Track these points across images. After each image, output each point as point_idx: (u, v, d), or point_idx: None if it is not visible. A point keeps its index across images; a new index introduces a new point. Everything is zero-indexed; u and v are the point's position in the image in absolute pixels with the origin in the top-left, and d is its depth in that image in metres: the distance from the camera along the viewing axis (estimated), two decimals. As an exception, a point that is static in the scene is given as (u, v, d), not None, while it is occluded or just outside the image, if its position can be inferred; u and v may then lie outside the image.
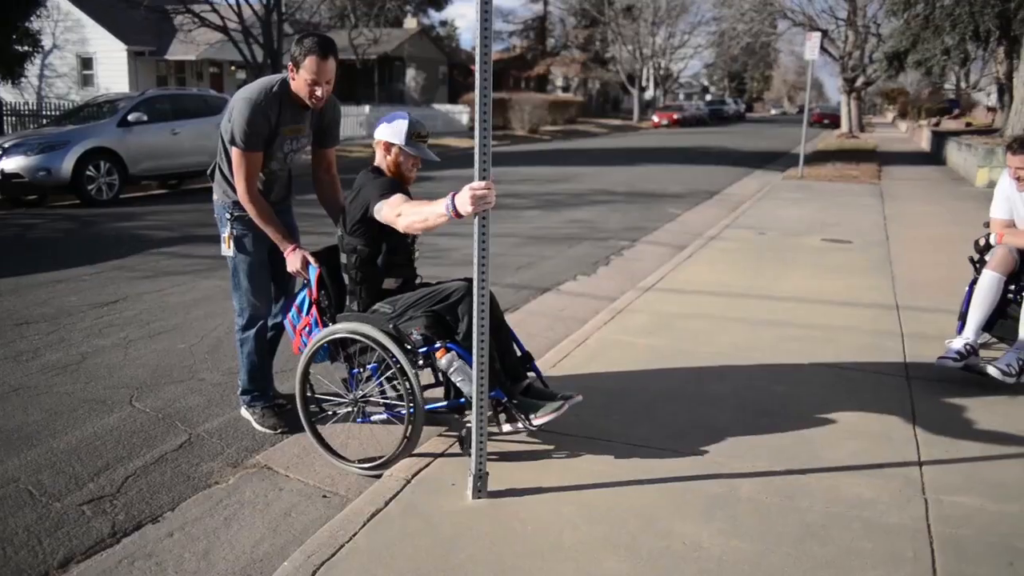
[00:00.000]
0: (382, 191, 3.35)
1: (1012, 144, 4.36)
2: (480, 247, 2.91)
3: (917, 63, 27.78)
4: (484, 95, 2.78)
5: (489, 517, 2.95)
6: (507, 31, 61.04)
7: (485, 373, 2.99)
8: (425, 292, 3.43)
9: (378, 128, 3.54)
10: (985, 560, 2.71)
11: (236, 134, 3.50)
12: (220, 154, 3.73)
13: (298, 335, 3.69)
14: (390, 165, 3.52)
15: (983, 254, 4.63)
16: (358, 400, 3.51)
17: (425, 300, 3.39)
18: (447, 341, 3.33)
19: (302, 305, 3.67)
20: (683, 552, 2.73)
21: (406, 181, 3.53)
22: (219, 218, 3.81)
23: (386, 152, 3.50)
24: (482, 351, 2.96)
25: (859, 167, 18.29)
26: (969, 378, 4.39)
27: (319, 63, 3.43)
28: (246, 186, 3.56)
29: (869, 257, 8.00)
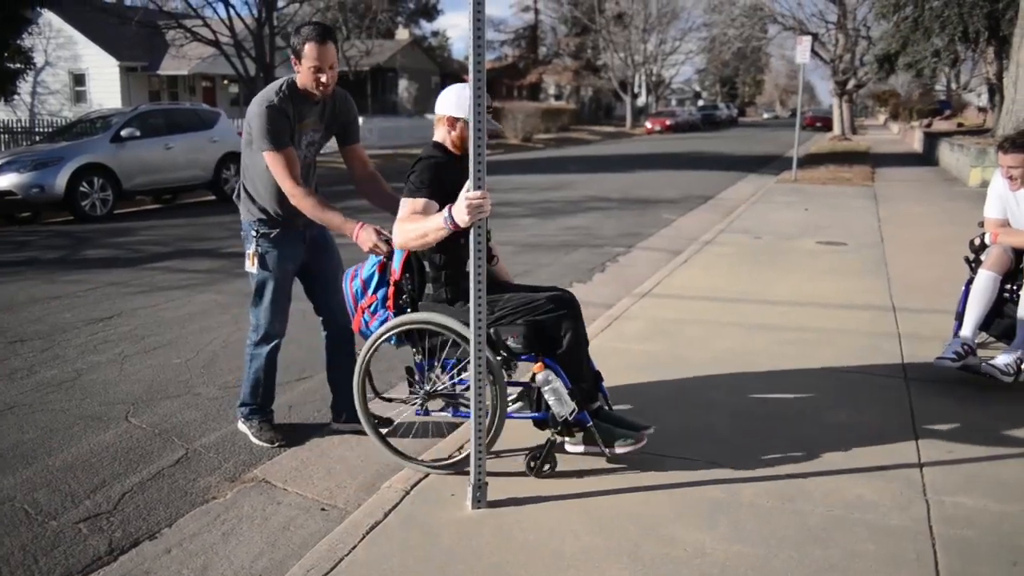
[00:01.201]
0: (413, 188, 3.22)
1: (1003, 144, 4.37)
2: (476, 260, 2.89)
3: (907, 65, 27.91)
4: (478, 105, 2.77)
5: (489, 527, 2.93)
6: (499, 40, 61.21)
7: (483, 382, 2.97)
8: (524, 299, 3.29)
9: (440, 103, 3.36)
10: (988, 560, 2.70)
11: (264, 139, 3.46)
12: (242, 173, 3.73)
13: (360, 312, 3.51)
14: (455, 141, 3.35)
15: (978, 254, 4.63)
16: (430, 394, 3.38)
17: (525, 308, 3.26)
18: (544, 356, 3.24)
19: (369, 280, 3.50)
20: (686, 559, 2.71)
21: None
22: (245, 236, 3.78)
23: (450, 127, 3.33)
24: (480, 359, 2.94)
25: (852, 169, 18.34)
26: (967, 378, 4.38)
27: (319, 48, 3.42)
28: (292, 183, 3.49)
29: (864, 259, 8.00)
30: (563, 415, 3.20)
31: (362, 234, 3.46)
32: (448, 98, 3.34)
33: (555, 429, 3.27)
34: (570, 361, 3.27)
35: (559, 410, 3.19)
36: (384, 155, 24.15)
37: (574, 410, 3.20)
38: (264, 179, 3.61)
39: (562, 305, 3.30)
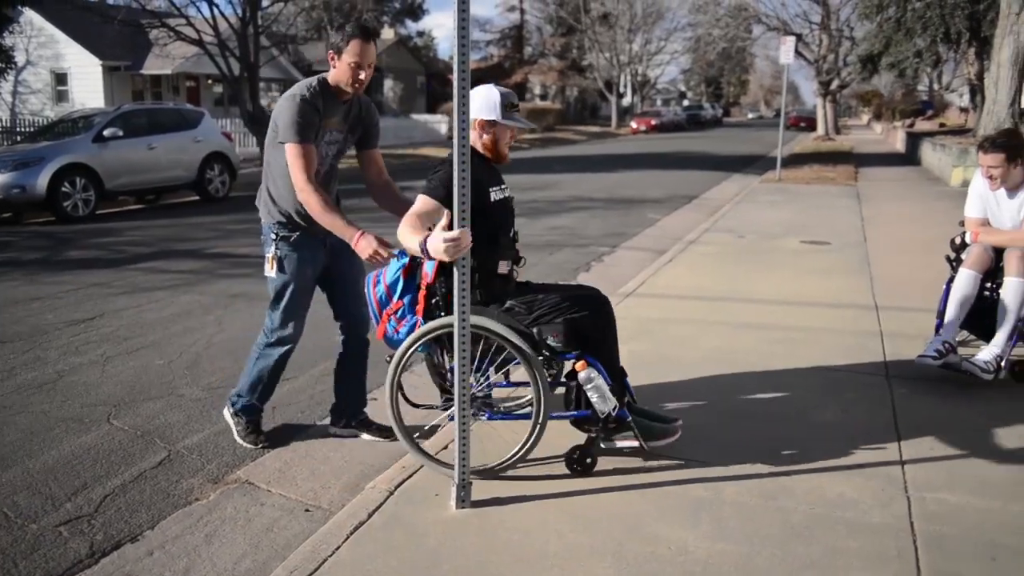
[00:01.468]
0: (429, 187, 3.18)
1: (983, 144, 4.40)
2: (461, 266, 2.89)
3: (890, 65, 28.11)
4: (462, 107, 2.77)
5: (473, 527, 2.93)
6: (484, 40, 61.15)
7: (467, 384, 2.97)
8: (560, 298, 3.31)
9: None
10: (968, 556, 2.72)
11: (290, 129, 3.39)
12: (264, 173, 3.67)
13: (386, 318, 3.40)
14: (487, 144, 3.32)
15: (959, 253, 4.67)
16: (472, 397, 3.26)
17: (563, 308, 3.27)
18: (584, 353, 3.25)
19: (394, 286, 3.40)
20: (669, 557, 2.72)
21: (502, 158, 3.37)
22: (264, 239, 3.73)
23: (482, 131, 3.29)
24: (464, 362, 2.94)
25: (836, 169, 18.46)
26: (948, 376, 4.41)
27: (363, 46, 3.41)
28: (304, 178, 3.40)
29: (847, 258, 8.05)
30: (606, 411, 3.22)
31: (362, 241, 3.38)
32: (476, 102, 3.27)
33: (596, 426, 3.29)
34: (607, 359, 3.31)
35: (602, 407, 3.21)
36: (369, 155, 24.07)
37: (616, 406, 3.23)
38: (287, 178, 3.52)
39: (597, 304, 3.36)
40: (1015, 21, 15.91)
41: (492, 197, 3.31)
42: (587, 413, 3.31)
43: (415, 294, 3.38)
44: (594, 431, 3.31)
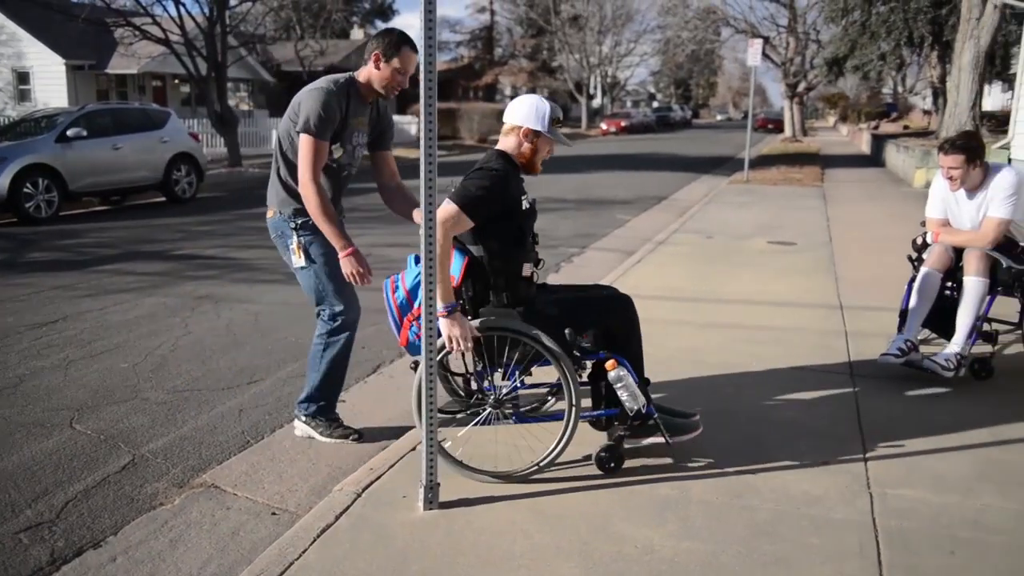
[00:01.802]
0: (457, 194, 3.12)
1: (944, 145, 4.48)
2: (427, 263, 2.89)
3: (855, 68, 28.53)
4: (429, 107, 2.77)
5: (441, 528, 2.92)
6: (454, 41, 61.12)
7: (435, 386, 2.96)
8: (588, 298, 3.36)
9: (514, 111, 3.30)
10: (928, 550, 2.77)
11: (309, 120, 3.37)
12: (276, 168, 3.62)
13: (407, 324, 3.34)
14: (526, 152, 3.30)
15: (921, 253, 4.75)
16: (500, 401, 3.30)
17: (591, 307, 3.33)
18: (613, 353, 3.28)
19: (415, 291, 3.31)
20: (635, 556, 2.74)
21: (534, 170, 3.36)
22: (279, 234, 3.65)
23: (524, 139, 3.28)
24: (431, 363, 2.94)
25: (802, 170, 18.68)
26: (910, 373, 4.49)
27: (411, 56, 3.47)
28: (311, 174, 3.39)
29: (813, 258, 8.15)
30: (636, 408, 3.26)
31: (347, 260, 3.43)
32: (523, 110, 3.28)
33: (624, 424, 3.33)
34: (632, 357, 3.37)
35: (633, 404, 3.25)
36: (339, 156, 23.96)
37: (646, 403, 3.27)
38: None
39: (621, 303, 3.41)
40: (975, 26, 16.22)
41: (524, 204, 3.30)
42: (615, 412, 3.35)
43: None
44: (622, 429, 3.34)
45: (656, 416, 3.33)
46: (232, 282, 7.37)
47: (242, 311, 6.34)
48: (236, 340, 5.58)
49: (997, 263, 4.45)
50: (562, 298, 3.36)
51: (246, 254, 8.81)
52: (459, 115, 35.07)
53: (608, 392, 3.34)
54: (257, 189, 15.95)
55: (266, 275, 7.68)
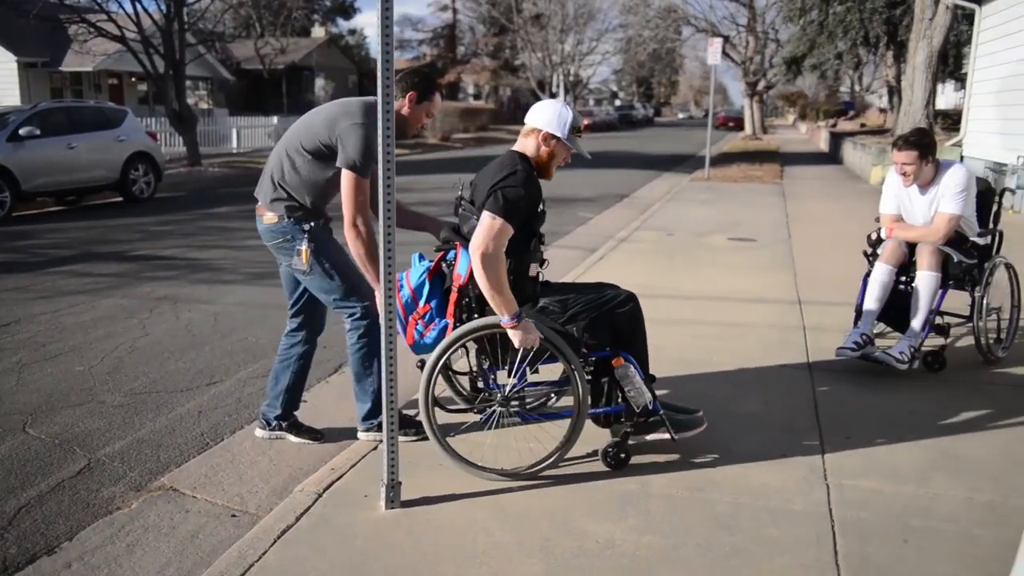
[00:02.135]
0: (501, 206, 3.06)
1: (897, 142, 4.57)
2: (386, 259, 2.88)
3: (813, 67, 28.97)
4: (387, 105, 2.75)
5: (402, 527, 2.92)
6: (417, 39, 60.87)
7: (395, 385, 2.96)
8: (593, 297, 3.35)
9: (536, 115, 3.30)
10: (882, 539, 2.83)
11: (356, 160, 3.32)
12: (283, 172, 3.53)
13: (413, 323, 3.32)
14: (543, 156, 3.29)
15: (875, 248, 4.83)
16: (507, 399, 3.29)
17: (597, 304, 3.32)
18: (619, 350, 3.30)
19: (420, 290, 3.33)
20: (597, 551, 2.76)
21: (547, 175, 3.34)
22: (285, 238, 3.55)
23: (543, 142, 3.27)
24: (391, 361, 2.93)
25: (762, 168, 18.90)
26: (867, 366, 4.57)
27: (440, 101, 3.63)
28: (363, 217, 3.35)
29: (772, 254, 8.26)
30: (642, 404, 3.27)
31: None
32: (545, 114, 3.28)
33: (630, 421, 3.34)
34: (638, 354, 3.39)
35: (640, 400, 3.27)
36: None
37: (652, 399, 3.29)
38: (310, 173, 3.48)
39: (629, 301, 3.40)
40: (928, 26, 16.53)
41: (540, 207, 3.30)
42: (620, 408, 3.36)
43: (442, 297, 3.34)
44: (628, 426, 3.35)
45: (662, 412, 3.36)
46: (191, 283, 7.27)
47: (201, 312, 6.26)
48: (195, 341, 5.51)
49: (948, 258, 4.54)
50: (567, 296, 3.37)
51: (206, 254, 8.70)
52: (422, 113, 34.90)
53: (611, 389, 3.36)
54: (217, 188, 15.78)
55: (226, 276, 7.59)
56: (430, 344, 3.31)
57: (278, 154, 3.58)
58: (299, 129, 3.55)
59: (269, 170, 3.60)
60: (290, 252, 3.56)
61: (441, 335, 3.28)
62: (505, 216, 3.06)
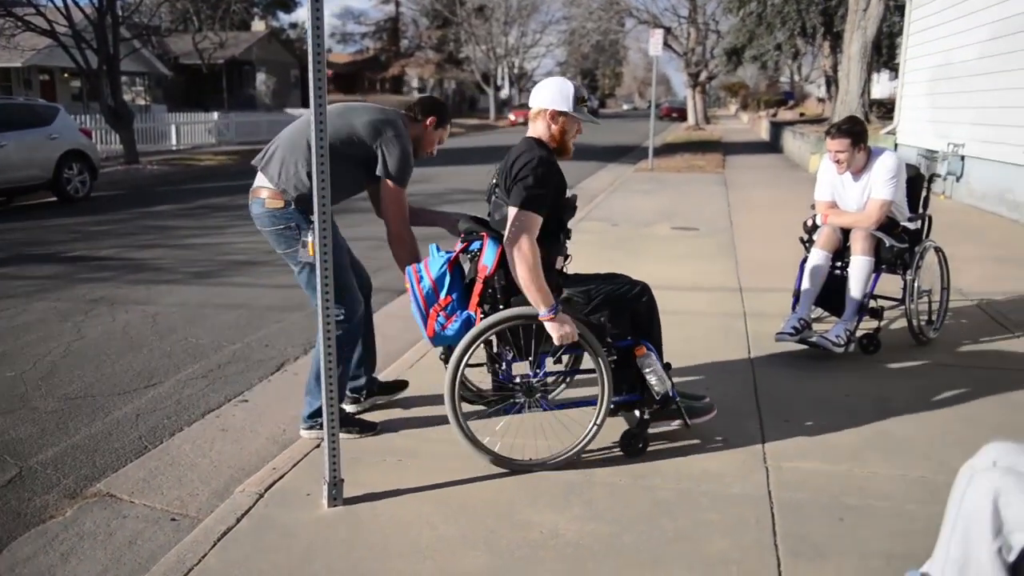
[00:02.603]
0: (532, 198, 3.07)
1: (830, 130, 4.67)
2: (322, 259, 2.84)
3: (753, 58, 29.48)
4: (319, 99, 2.72)
5: (346, 524, 2.89)
6: (359, 33, 60.38)
7: (334, 382, 2.93)
8: (612, 287, 3.38)
9: (539, 96, 3.28)
10: (819, 519, 2.89)
11: (398, 171, 3.48)
12: (297, 162, 3.43)
13: (434, 315, 3.24)
14: (555, 134, 3.28)
15: (811, 234, 4.93)
16: (533, 389, 3.30)
17: (618, 295, 3.36)
18: (640, 339, 3.34)
19: (440, 281, 3.26)
20: (541, 541, 2.77)
21: (567, 152, 3.32)
22: (287, 225, 3.47)
23: (551, 121, 3.25)
24: (329, 359, 2.90)
25: (705, 157, 19.16)
26: (805, 350, 4.67)
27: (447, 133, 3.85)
28: (405, 225, 3.55)
29: (715, 243, 8.38)
30: (663, 392, 3.32)
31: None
32: (548, 93, 3.27)
33: (649, 408, 3.37)
34: (655, 343, 3.45)
35: (661, 388, 3.31)
36: (241, 151, 23.37)
37: (672, 387, 3.35)
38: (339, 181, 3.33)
39: (645, 292, 3.45)
40: (862, 17, 16.91)
41: (567, 194, 3.30)
42: (639, 397, 3.38)
43: (462, 288, 3.30)
44: (647, 413, 3.38)
45: (679, 400, 3.40)
46: (129, 284, 7.09)
47: (139, 313, 6.12)
48: (133, 343, 5.39)
49: (881, 242, 4.65)
50: (589, 288, 3.38)
51: (144, 254, 8.50)
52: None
53: (631, 377, 3.38)
54: (156, 187, 15.43)
55: (165, 275, 7.43)
56: (451, 336, 3.25)
57: (296, 143, 3.47)
58: (334, 126, 3.38)
59: (282, 155, 3.48)
60: (288, 239, 3.49)
61: (464, 326, 3.23)
62: (532, 207, 3.07)
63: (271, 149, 3.54)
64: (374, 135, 3.46)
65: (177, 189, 14.86)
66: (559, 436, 3.36)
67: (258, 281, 7.19)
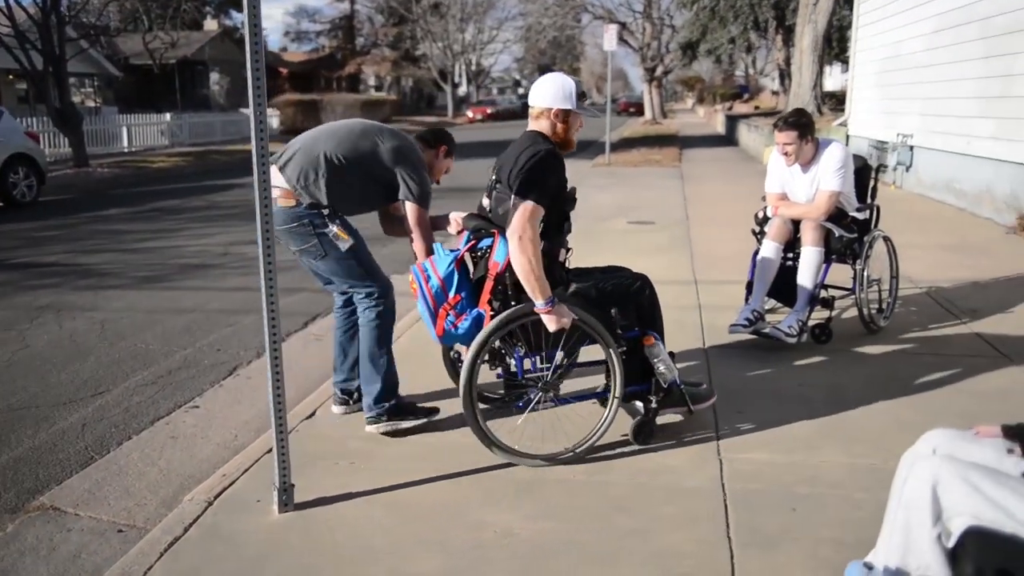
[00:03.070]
0: (537, 190, 3.10)
1: (778, 123, 4.70)
2: (266, 265, 2.79)
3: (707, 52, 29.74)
4: (258, 98, 2.66)
5: (297, 530, 2.84)
6: (314, 31, 59.69)
7: (282, 388, 2.87)
8: (618, 280, 3.46)
9: (541, 95, 3.31)
10: (771, 510, 2.90)
11: (422, 195, 3.60)
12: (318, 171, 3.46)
13: (444, 313, 3.24)
14: (560, 132, 3.32)
15: (762, 226, 4.97)
16: (548, 385, 3.32)
17: (624, 287, 3.42)
18: (647, 329, 3.40)
19: (449, 280, 3.26)
20: (494, 541, 2.75)
21: (570, 146, 3.39)
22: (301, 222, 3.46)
23: (556, 119, 3.30)
24: (276, 363, 2.84)
25: (662, 152, 19.27)
26: (758, 342, 4.70)
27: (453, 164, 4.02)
28: (428, 244, 3.58)
29: (671, 236, 8.43)
30: (670, 380, 3.38)
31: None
32: (550, 91, 3.30)
33: (656, 396, 3.40)
34: (659, 332, 3.51)
35: (669, 376, 3.37)
36: (195, 152, 23.00)
37: (678, 374, 3.42)
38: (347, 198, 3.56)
39: (648, 283, 3.53)
40: (813, 11, 17.14)
41: (569, 188, 3.32)
42: (647, 386, 3.41)
43: (471, 287, 3.30)
44: (654, 401, 3.42)
45: (682, 387, 3.45)
46: (76, 290, 6.92)
47: (87, 320, 5.97)
48: (80, 351, 5.25)
49: (831, 233, 4.71)
50: (596, 280, 3.42)
51: (92, 259, 8.31)
52: (321, 107, 34.41)
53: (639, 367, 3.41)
54: (107, 190, 15.11)
55: (114, 280, 7.27)
56: (462, 334, 3.25)
57: (314, 153, 3.48)
58: (357, 145, 3.52)
59: (302, 162, 3.48)
60: (303, 236, 3.48)
61: (475, 324, 3.23)
62: (536, 198, 3.08)
63: (290, 152, 3.54)
64: (397, 160, 3.55)
65: (128, 192, 14.57)
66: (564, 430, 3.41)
67: (210, 284, 7.06)
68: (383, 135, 3.60)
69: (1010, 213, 8.52)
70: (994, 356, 4.52)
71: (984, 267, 6.62)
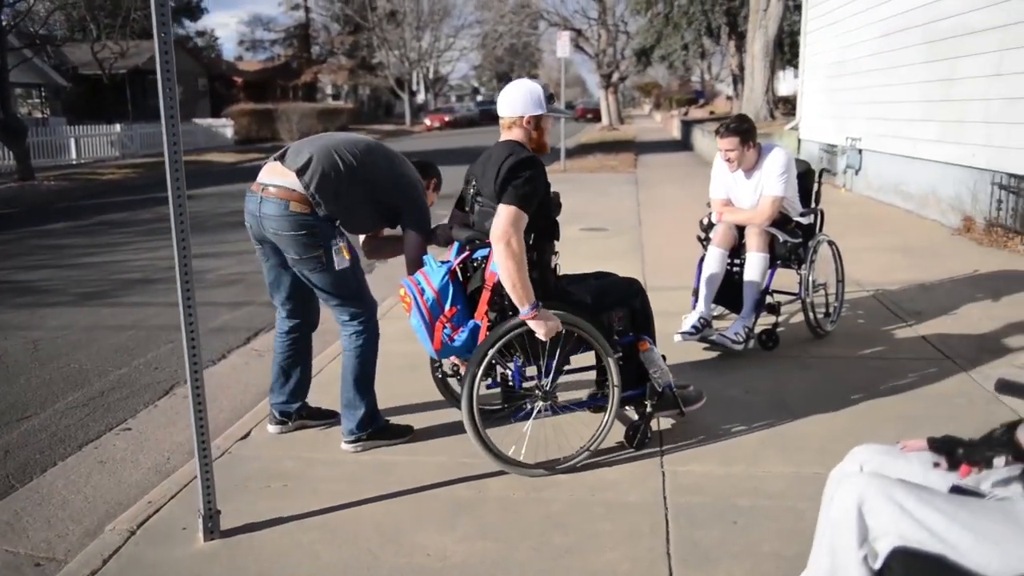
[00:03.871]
0: (523, 196, 3.04)
1: (719, 129, 4.69)
2: (183, 276, 2.67)
3: (662, 58, 30.00)
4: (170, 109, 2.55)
5: (222, 559, 2.72)
6: (269, 40, 59.05)
7: (203, 408, 2.75)
8: (609, 283, 3.52)
9: (510, 105, 3.27)
10: (712, 523, 2.85)
11: (426, 224, 3.60)
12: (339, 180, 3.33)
13: (440, 327, 3.17)
14: (535, 138, 3.31)
15: (707, 232, 4.95)
16: (548, 394, 3.28)
17: (620, 292, 3.45)
18: (642, 334, 3.43)
19: (444, 291, 3.19)
20: (427, 563, 2.65)
21: (544, 149, 3.38)
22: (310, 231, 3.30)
23: (529, 127, 3.27)
24: (197, 386, 2.72)
25: (618, 157, 19.34)
26: (705, 349, 4.67)
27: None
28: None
29: (623, 242, 8.42)
30: (665, 384, 3.39)
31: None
32: (520, 99, 3.27)
33: (651, 401, 3.40)
34: (652, 337, 3.52)
35: (664, 380, 3.39)
36: (147, 164, 22.58)
37: (672, 379, 3.43)
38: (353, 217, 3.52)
39: (640, 288, 3.57)
40: (763, 17, 17.34)
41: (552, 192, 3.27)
42: (640, 391, 3.40)
43: (465, 298, 3.25)
44: (649, 405, 3.41)
45: (674, 390, 3.44)
46: (11, 308, 6.69)
47: (19, 339, 5.76)
48: (8, 373, 5.06)
49: (775, 238, 4.70)
50: (590, 286, 3.40)
51: (31, 276, 8.06)
52: (277, 116, 34.04)
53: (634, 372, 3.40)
54: (53, 203, 14.74)
55: (51, 298, 7.05)
56: (459, 347, 3.21)
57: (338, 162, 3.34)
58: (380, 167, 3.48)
59: (322, 168, 3.30)
60: (309, 245, 3.32)
61: (472, 336, 3.19)
62: (521, 204, 3.04)
63: (305, 156, 3.34)
64: (408, 187, 3.56)
65: (74, 205, 14.22)
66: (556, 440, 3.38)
67: (153, 300, 6.87)
68: (396, 159, 3.58)
69: (955, 215, 8.64)
70: (939, 359, 4.53)
71: (930, 269, 6.69)
